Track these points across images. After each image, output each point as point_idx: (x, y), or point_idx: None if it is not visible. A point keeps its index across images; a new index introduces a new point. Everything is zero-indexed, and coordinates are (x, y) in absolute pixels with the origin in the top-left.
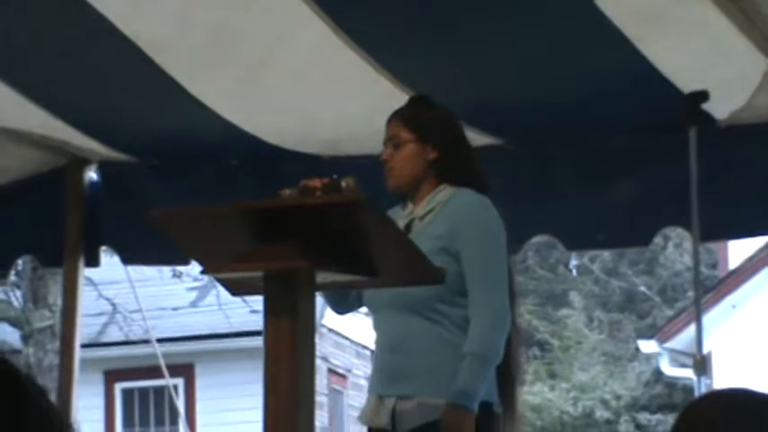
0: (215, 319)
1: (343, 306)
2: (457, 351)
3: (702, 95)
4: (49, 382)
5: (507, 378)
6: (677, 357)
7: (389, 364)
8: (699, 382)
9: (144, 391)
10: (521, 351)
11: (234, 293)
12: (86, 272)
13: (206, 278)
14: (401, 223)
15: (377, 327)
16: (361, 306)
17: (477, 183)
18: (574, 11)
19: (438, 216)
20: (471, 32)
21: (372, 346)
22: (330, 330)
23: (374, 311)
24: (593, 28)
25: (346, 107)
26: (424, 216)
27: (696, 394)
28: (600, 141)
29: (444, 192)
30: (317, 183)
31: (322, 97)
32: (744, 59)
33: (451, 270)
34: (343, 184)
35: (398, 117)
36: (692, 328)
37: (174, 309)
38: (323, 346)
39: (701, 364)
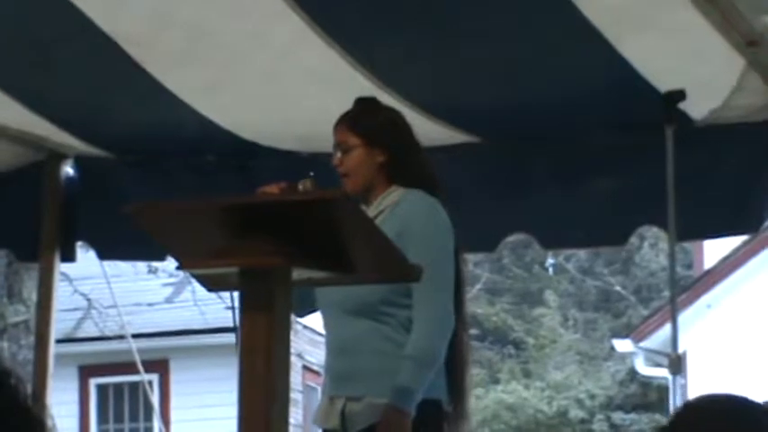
0: (190, 315)
1: (302, 309)
2: (404, 352)
3: (679, 95)
4: (23, 377)
5: (456, 376)
6: (652, 357)
7: (338, 366)
8: (673, 381)
9: (119, 387)
10: (469, 349)
11: (210, 289)
12: (62, 267)
13: (181, 274)
14: None
15: (326, 328)
16: (316, 309)
17: (429, 183)
18: (552, 10)
19: (388, 217)
20: (449, 30)
21: None
22: (305, 327)
23: (324, 313)
24: (571, 27)
25: (322, 103)
26: (375, 217)
27: (671, 393)
28: (577, 140)
29: (395, 193)
30: (274, 189)
31: (298, 93)
32: (721, 60)
33: None
34: (300, 186)
35: (345, 122)
36: (666, 328)
37: (150, 304)
38: (298, 343)
39: (676, 364)
